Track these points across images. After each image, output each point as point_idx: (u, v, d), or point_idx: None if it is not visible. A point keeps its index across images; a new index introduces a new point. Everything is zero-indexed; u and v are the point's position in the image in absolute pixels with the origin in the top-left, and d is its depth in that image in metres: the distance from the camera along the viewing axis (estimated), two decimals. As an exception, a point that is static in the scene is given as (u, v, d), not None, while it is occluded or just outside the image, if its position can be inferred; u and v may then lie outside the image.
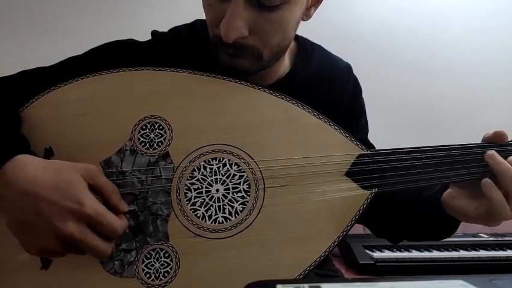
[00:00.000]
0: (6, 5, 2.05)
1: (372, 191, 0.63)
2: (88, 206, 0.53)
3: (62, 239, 0.53)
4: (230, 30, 0.63)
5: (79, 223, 0.53)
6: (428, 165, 0.64)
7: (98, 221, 0.54)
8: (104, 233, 0.55)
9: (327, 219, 0.63)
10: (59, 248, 0.54)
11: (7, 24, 2.04)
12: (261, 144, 0.65)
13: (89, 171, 0.56)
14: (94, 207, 0.54)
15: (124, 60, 0.71)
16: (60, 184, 0.54)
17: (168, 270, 0.61)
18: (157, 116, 0.66)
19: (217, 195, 0.64)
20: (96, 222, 0.54)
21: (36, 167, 0.55)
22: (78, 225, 0.53)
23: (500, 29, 2.14)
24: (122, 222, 0.57)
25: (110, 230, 0.55)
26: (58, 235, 0.53)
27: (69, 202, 0.52)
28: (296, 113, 0.66)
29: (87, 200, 0.53)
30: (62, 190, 0.53)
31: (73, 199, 0.53)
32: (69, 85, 0.68)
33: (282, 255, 0.61)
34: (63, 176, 0.55)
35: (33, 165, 0.56)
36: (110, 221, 0.55)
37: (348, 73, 0.89)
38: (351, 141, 0.65)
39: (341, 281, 0.43)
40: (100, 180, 0.57)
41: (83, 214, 0.53)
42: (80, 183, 0.55)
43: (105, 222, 0.54)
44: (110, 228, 0.55)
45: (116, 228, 0.55)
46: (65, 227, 0.52)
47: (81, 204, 0.53)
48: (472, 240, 1.59)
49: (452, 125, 2.06)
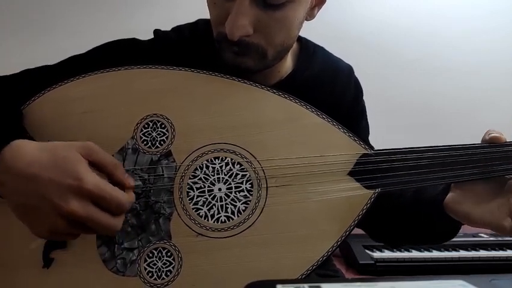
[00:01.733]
0: (7, 4, 2.05)
1: (375, 190, 0.63)
2: (87, 181, 0.51)
3: (67, 217, 0.51)
4: (235, 28, 0.63)
5: (81, 199, 0.51)
6: (431, 165, 0.64)
7: (100, 195, 0.52)
8: (109, 208, 0.53)
9: (330, 219, 0.62)
10: (67, 227, 0.52)
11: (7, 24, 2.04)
12: (264, 144, 0.65)
13: (86, 148, 0.54)
14: (94, 182, 0.52)
15: (126, 59, 0.71)
16: (57, 162, 0.52)
17: (170, 269, 0.61)
18: (159, 115, 0.66)
19: (220, 195, 0.64)
20: (98, 197, 0.52)
21: (32, 150, 0.54)
22: (80, 201, 0.51)
23: (500, 29, 2.14)
24: (128, 196, 0.55)
25: (115, 204, 0.53)
26: (62, 214, 0.51)
27: (68, 179, 0.51)
28: (299, 112, 0.66)
29: (86, 175, 0.51)
30: (60, 168, 0.52)
31: (71, 175, 0.51)
32: (71, 83, 0.68)
33: (284, 255, 0.61)
34: (59, 154, 0.53)
35: (30, 148, 0.55)
36: (114, 195, 0.53)
37: (350, 75, 0.90)
38: (355, 141, 0.65)
39: (341, 281, 0.43)
40: (100, 156, 0.55)
41: (84, 190, 0.51)
42: (77, 159, 0.53)
43: (108, 197, 0.52)
44: (115, 202, 0.53)
45: (121, 201, 0.53)
46: (67, 204, 0.50)
47: (79, 179, 0.51)
48: (472, 240, 1.59)
49: (452, 125, 2.06)
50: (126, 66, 0.69)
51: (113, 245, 0.62)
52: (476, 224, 0.65)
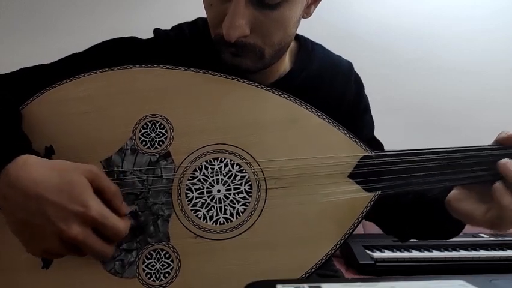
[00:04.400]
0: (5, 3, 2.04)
1: (375, 193, 0.63)
2: (93, 209, 0.53)
3: (65, 241, 0.53)
4: (232, 29, 0.63)
5: (84, 226, 0.53)
6: (433, 167, 0.63)
7: (102, 223, 0.54)
8: (107, 235, 0.55)
9: (330, 221, 0.62)
10: (61, 249, 0.54)
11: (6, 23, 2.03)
12: (263, 145, 0.64)
13: (92, 173, 0.56)
14: (99, 210, 0.54)
15: (125, 57, 0.71)
16: (65, 186, 0.53)
17: (169, 271, 0.61)
18: (158, 115, 0.66)
19: (219, 196, 0.63)
20: (101, 225, 0.54)
21: (39, 168, 0.55)
22: (82, 228, 0.53)
23: (500, 30, 2.14)
24: (125, 225, 0.57)
25: (114, 232, 0.55)
26: (62, 237, 0.53)
27: (74, 205, 0.52)
28: (299, 112, 0.66)
29: (92, 203, 0.53)
30: (67, 192, 0.53)
31: (78, 202, 0.53)
32: (69, 83, 0.67)
33: (283, 257, 0.61)
34: (67, 177, 0.54)
35: (36, 165, 0.55)
36: (115, 224, 0.55)
37: (350, 71, 0.89)
38: (355, 142, 0.65)
39: (341, 281, 0.43)
40: (103, 182, 0.57)
41: (88, 217, 0.53)
42: (85, 186, 0.54)
43: (109, 225, 0.54)
44: (114, 231, 0.55)
45: (120, 230, 0.55)
46: (69, 229, 0.52)
47: (86, 207, 0.53)
48: (472, 240, 1.59)
49: (452, 125, 2.06)
50: (125, 66, 0.68)
51: (111, 246, 0.62)
52: (477, 222, 0.65)
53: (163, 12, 2.03)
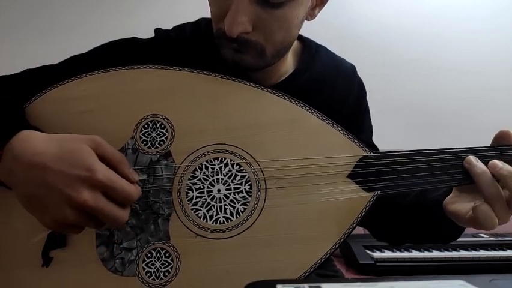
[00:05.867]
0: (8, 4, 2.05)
1: (374, 193, 0.63)
2: (100, 172, 0.52)
3: (77, 208, 0.52)
4: (234, 25, 0.63)
5: (92, 190, 0.52)
6: (432, 168, 0.63)
7: (111, 187, 0.53)
8: (118, 199, 0.54)
9: (329, 221, 0.62)
10: (76, 218, 0.52)
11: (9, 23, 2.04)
12: (263, 145, 0.65)
13: (95, 142, 0.55)
14: (106, 174, 0.53)
15: (127, 58, 0.71)
16: (66, 153, 0.53)
17: (169, 270, 0.61)
18: (159, 115, 0.66)
19: (219, 196, 0.63)
20: (109, 189, 0.53)
21: (41, 140, 0.55)
22: (91, 192, 0.52)
23: (500, 30, 2.14)
24: (136, 189, 0.56)
25: (124, 195, 0.54)
26: (72, 204, 0.51)
27: (79, 170, 0.51)
28: (299, 113, 0.66)
29: (98, 166, 0.52)
30: (70, 159, 0.52)
31: (83, 166, 0.52)
32: (71, 82, 0.68)
33: (283, 257, 0.61)
34: (68, 145, 0.54)
35: (38, 138, 0.56)
36: (124, 187, 0.54)
37: (353, 74, 0.89)
38: (354, 143, 0.65)
39: (341, 281, 0.43)
40: (106, 149, 0.56)
41: (96, 180, 0.51)
42: (87, 151, 0.54)
43: (119, 188, 0.53)
44: (124, 194, 0.54)
45: (130, 193, 0.55)
46: (78, 195, 0.51)
47: (92, 171, 0.51)
48: (472, 240, 1.59)
49: (452, 125, 2.06)
50: (126, 66, 0.68)
51: (112, 245, 0.62)
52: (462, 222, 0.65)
53: (164, 12, 2.03)
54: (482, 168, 0.61)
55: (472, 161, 0.62)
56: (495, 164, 0.61)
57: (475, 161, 0.62)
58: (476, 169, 0.61)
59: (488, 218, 0.59)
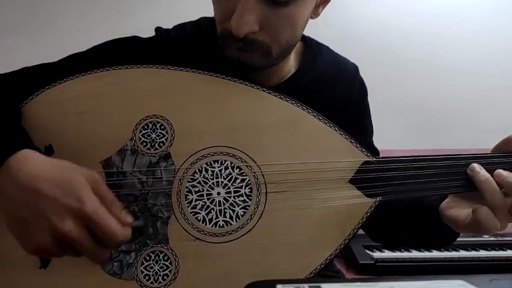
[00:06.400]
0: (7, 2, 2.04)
1: (376, 199, 0.63)
2: (88, 204, 0.51)
3: (58, 237, 0.51)
4: (241, 25, 0.63)
5: (77, 222, 0.51)
6: (434, 174, 0.63)
7: (96, 222, 0.51)
8: (101, 236, 0.52)
9: (330, 226, 0.62)
10: (55, 247, 0.52)
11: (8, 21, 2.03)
12: (264, 148, 0.64)
13: (93, 177, 0.54)
14: (95, 207, 0.51)
15: (126, 57, 0.70)
16: (63, 182, 0.52)
17: (167, 273, 0.61)
18: (159, 116, 0.65)
19: (219, 199, 0.63)
20: (94, 224, 0.51)
21: (40, 163, 0.54)
22: (76, 224, 0.50)
23: (500, 29, 2.14)
24: (123, 230, 0.54)
25: (108, 234, 0.52)
26: (55, 233, 0.51)
27: (69, 199, 0.51)
28: (301, 116, 0.66)
29: (88, 198, 0.51)
30: (64, 187, 0.51)
31: (74, 196, 0.51)
32: (69, 82, 0.67)
33: (283, 261, 0.61)
34: (67, 174, 0.53)
35: (37, 161, 0.55)
36: (110, 225, 0.52)
37: (355, 74, 0.89)
38: (356, 148, 0.65)
39: (341, 281, 0.43)
40: (102, 188, 0.54)
41: (83, 213, 0.50)
42: (83, 183, 0.53)
43: (103, 225, 0.51)
44: (108, 232, 0.52)
45: (115, 233, 0.52)
46: (63, 225, 0.50)
47: (81, 202, 0.51)
48: (472, 240, 1.59)
49: (452, 125, 2.06)
50: (126, 66, 0.68)
51: (110, 247, 0.62)
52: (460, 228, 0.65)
53: (164, 12, 2.02)
54: (485, 175, 0.61)
55: (476, 168, 0.62)
56: (500, 173, 0.62)
57: (479, 168, 0.62)
58: (479, 176, 0.61)
59: (491, 220, 0.59)
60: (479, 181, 0.61)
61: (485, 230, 0.60)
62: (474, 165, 0.63)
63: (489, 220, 0.59)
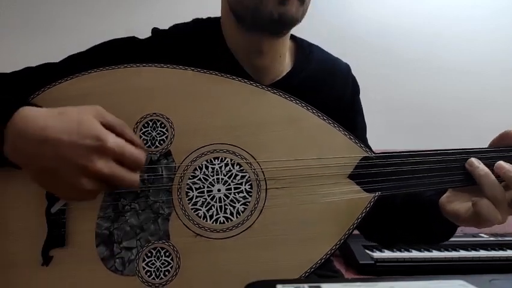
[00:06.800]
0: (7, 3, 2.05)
1: (375, 194, 0.63)
2: (109, 140, 0.53)
3: (93, 176, 0.53)
4: None
5: (105, 158, 0.53)
6: (432, 169, 0.63)
7: (122, 153, 0.54)
8: (129, 164, 0.56)
9: (329, 221, 0.62)
10: (92, 185, 0.54)
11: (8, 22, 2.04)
12: (264, 144, 0.64)
13: (97, 110, 0.57)
14: (116, 141, 0.54)
15: (125, 57, 0.71)
16: (74, 125, 0.54)
17: (169, 269, 0.61)
18: (159, 114, 0.66)
19: (219, 195, 0.63)
20: (120, 155, 0.54)
21: (43, 114, 0.56)
22: (104, 160, 0.53)
23: (500, 29, 2.14)
24: (142, 153, 0.58)
25: (134, 159, 0.56)
26: (87, 174, 0.53)
27: (90, 140, 0.53)
28: (300, 113, 0.66)
29: (107, 135, 0.54)
30: (78, 130, 0.53)
31: (93, 136, 0.53)
32: (69, 81, 0.68)
33: (283, 257, 0.61)
34: (73, 117, 0.55)
35: (40, 113, 0.56)
36: (133, 152, 0.56)
37: (347, 73, 0.90)
38: (355, 143, 0.65)
39: (341, 281, 0.43)
40: (109, 117, 0.57)
41: (107, 149, 0.53)
42: (93, 121, 0.55)
43: (128, 154, 0.55)
44: (133, 157, 0.56)
45: (139, 157, 0.56)
46: (92, 164, 0.52)
47: (102, 140, 0.53)
48: (472, 240, 1.59)
49: (452, 125, 2.06)
50: (125, 64, 0.68)
51: (111, 244, 0.62)
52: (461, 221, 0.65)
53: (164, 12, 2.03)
54: (484, 170, 0.61)
55: (474, 162, 0.62)
56: (501, 165, 0.62)
57: (477, 163, 0.62)
58: (478, 171, 0.61)
59: (492, 212, 0.59)
60: (478, 175, 0.61)
61: (486, 222, 0.60)
62: (472, 159, 0.63)
63: (489, 212, 0.59)
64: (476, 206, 0.60)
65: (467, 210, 0.63)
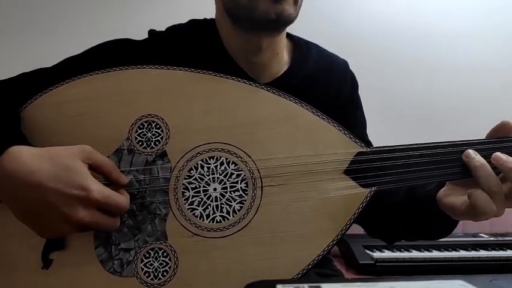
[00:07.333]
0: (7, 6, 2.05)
1: (371, 189, 0.63)
2: (95, 191, 0.55)
3: (73, 224, 0.55)
4: None
5: (88, 208, 0.55)
6: (428, 162, 0.63)
7: (106, 203, 0.56)
8: (112, 211, 0.58)
9: (326, 217, 0.62)
10: (73, 230, 0.56)
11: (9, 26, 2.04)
12: (259, 143, 0.65)
13: (85, 152, 0.58)
14: (101, 191, 0.56)
15: (121, 59, 0.71)
16: (62, 171, 0.55)
17: (167, 270, 0.61)
18: (154, 115, 0.66)
19: (215, 194, 0.63)
20: (104, 205, 0.56)
21: (32, 157, 0.56)
22: (87, 210, 0.55)
23: (500, 28, 2.14)
24: (126, 198, 0.60)
25: (118, 209, 0.58)
26: (70, 221, 0.54)
27: (75, 190, 0.54)
28: (294, 110, 0.66)
29: (92, 185, 0.55)
30: (65, 178, 0.54)
31: (78, 186, 0.54)
32: (65, 85, 0.68)
33: (280, 254, 0.61)
34: (61, 162, 0.55)
35: (29, 155, 0.56)
36: (117, 200, 0.58)
37: (345, 69, 0.90)
38: (350, 139, 0.65)
39: (341, 281, 0.43)
40: (97, 158, 0.59)
41: (91, 199, 0.54)
42: (81, 168, 0.56)
43: (113, 203, 0.57)
44: (117, 206, 0.58)
45: (123, 206, 0.59)
46: (75, 214, 0.54)
47: (87, 190, 0.54)
48: (472, 240, 1.59)
49: (452, 124, 2.06)
50: (120, 67, 0.69)
51: (110, 246, 0.62)
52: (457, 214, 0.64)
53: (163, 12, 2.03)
54: (481, 161, 0.60)
55: (471, 154, 0.62)
56: (499, 156, 0.61)
57: (474, 154, 0.62)
58: (474, 162, 0.61)
59: (487, 203, 0.58)
60: (474, 166, 0.60)
61: (482, 215, 0.59)
62: (469, 151, 0.62)
63: (485, 204, 0.58)
64: (471, 198, 0.59)
65: (463, 203, 0.62)
